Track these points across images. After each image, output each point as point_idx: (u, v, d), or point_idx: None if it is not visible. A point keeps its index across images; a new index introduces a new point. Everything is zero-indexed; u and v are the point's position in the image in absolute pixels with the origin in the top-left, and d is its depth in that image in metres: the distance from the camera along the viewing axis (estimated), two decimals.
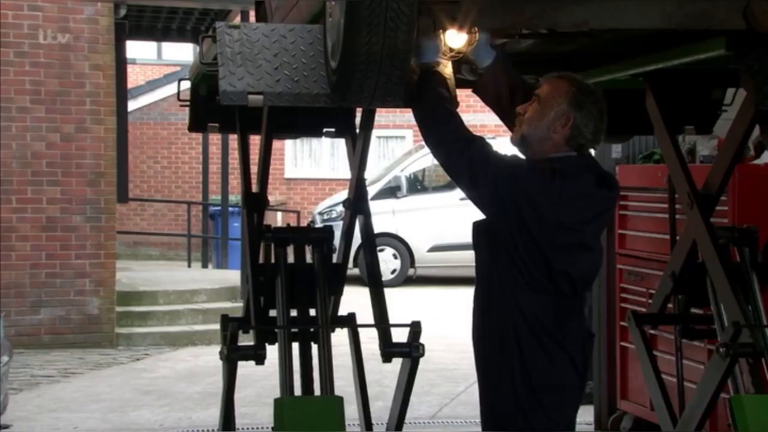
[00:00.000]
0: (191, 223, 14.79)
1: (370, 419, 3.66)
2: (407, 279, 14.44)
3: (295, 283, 3.58)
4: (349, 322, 3.73)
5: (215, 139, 14.23)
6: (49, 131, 9.39)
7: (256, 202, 3.65)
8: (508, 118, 3.36)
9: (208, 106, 4.04)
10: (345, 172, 17.11)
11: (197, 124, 4.15)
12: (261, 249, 3.67)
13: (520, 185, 2.99)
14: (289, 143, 16.76)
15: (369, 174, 16.16)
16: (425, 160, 14.27)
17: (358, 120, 3.97)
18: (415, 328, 3.38)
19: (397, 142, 16.94)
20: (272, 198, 16.97)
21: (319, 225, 14.79)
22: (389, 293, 14.39)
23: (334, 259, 3.83)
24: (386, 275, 14.29)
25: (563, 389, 3.08)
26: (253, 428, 6.53)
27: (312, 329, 3.55)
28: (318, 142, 17.23)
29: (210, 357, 8.48)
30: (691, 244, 3.89)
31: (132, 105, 16.71)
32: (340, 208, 14.83)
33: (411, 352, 3.37)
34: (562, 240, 3.02)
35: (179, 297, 10.34)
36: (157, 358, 9.14)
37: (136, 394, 7.68)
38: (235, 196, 11.95)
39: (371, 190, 14.61)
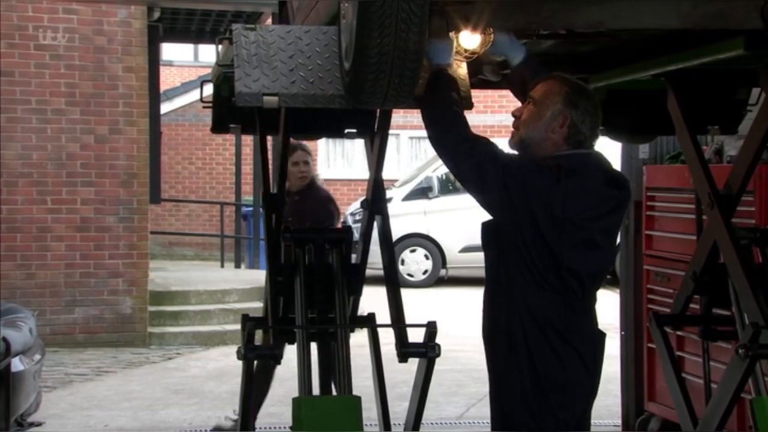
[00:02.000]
0: (224, 224, 14.89)
1: (389, 419, 3.67)
2: (439, 279, 14.44)
3: (313, 283, 3.61)
4: (368, 322, 3.75)
5: (248, 140, 14.32)
6: (83, 133, 9.52)
7: (274, 203, 3.68)
8: None
9: (231, 107, 4.07)
10: None
11: (220, 126, 4.18)
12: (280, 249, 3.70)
13: (528, 183, 3.01)
14: (321, 144, 16.81)
15: (401, 174, 16.19)
16: None
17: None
18: (431, 328, 3.40)
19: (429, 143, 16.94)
20: None
21: (350, 225, 14.86)
22: (421, 294, 14.32)
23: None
24: (418, 276, 14.32)
25: (572, 387, 3.08)
26: (276, 427, 6.57)
27: (331, 329, 3.57)
28: (351, 143, 17.24)
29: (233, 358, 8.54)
30: (712, 244, 3.87)
31: (167, 106, 16.87)
32: None
33: (427, 352, 3.38)
34: (570, 237, 3.03)
35: (211, 297, 10.43)
36: (188, 358, 9.22)
37: (167, 392, 7.76)
38: None
39: (403, 191, 14.73)
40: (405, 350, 3.42)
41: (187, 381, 8.19)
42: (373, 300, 4.81)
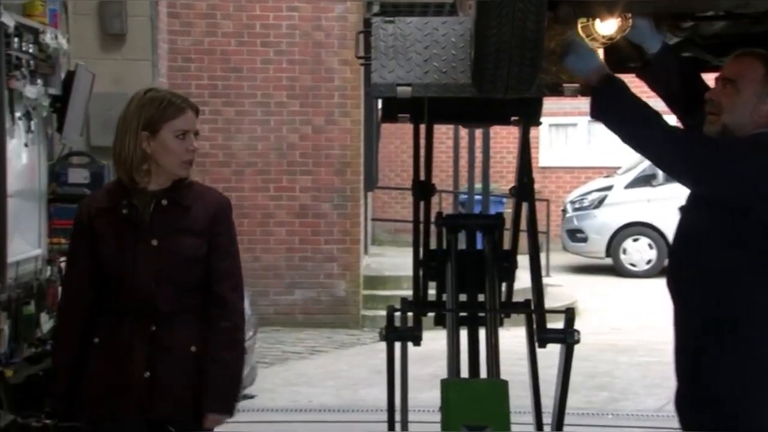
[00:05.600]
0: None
1: (540, 406, 3.68)
2: (663, 270, 13.95)
3: (465, 268, 3.69)
4: (522, 308, 3.77)
5: (464, 130, 14.44)
6: (302, 124, 10.03)
7: (423, 190, 3.79)
8: (678, 104, 3.30)
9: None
10: (601, 159, 16.78)
11: (389, 115, 4.31)
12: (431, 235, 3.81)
13: (745, 164, 2.95)
14: (544, 131, 16.65)
15: (624, 162, 15.74)
16: None
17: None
18: (569, 315, 3.39)
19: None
20: None
21: (570, 214, 14.65)
22: (644, 284, 13.85)
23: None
24: (641, 265, 13.95)
25: None
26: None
27: (480, 314, 3.64)
28: (574, 129, 16.95)
29: (445, 341, 8.71)
30: None
31: None
32: (593, 196, 14.59)
33: (566, 338, 3.38)
34: None
35: None
36: None
37: (371, 373, 8.05)
38: (478, 185, 12.13)
39: (626, 179, 14.36)
40: (543, 336, 3.44)
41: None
42: (590, 289, 4.72)
